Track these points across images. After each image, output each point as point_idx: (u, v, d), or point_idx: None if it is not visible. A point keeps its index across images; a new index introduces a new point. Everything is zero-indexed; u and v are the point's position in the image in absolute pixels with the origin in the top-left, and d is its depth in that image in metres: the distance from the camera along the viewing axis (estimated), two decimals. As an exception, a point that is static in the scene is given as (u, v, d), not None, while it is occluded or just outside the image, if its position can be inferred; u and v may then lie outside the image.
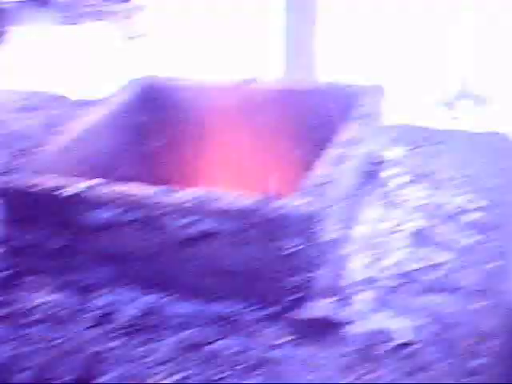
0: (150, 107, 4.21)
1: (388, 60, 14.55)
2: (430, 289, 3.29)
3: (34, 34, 19.39)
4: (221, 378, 2.88)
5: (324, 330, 3.04)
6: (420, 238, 3.63)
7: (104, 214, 3.21)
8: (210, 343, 3.03)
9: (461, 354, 2.94)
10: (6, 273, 3.50)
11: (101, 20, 15.53)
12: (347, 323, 3.05)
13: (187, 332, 3.10)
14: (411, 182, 4.06)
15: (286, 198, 3.06)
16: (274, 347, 2.98)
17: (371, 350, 2.95)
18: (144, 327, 3.14)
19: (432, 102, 14.60)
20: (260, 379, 2.85)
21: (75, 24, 20.32)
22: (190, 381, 2.86)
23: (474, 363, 2.89)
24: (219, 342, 3.03)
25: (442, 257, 3.49)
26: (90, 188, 3.25)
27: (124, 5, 14.46)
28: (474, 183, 4.14)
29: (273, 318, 3.09)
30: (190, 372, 2.90)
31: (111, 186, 3.25)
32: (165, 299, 3.24)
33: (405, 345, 2.97)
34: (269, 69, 11.96)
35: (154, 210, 3.14)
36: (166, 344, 3.05)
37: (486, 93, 14.39)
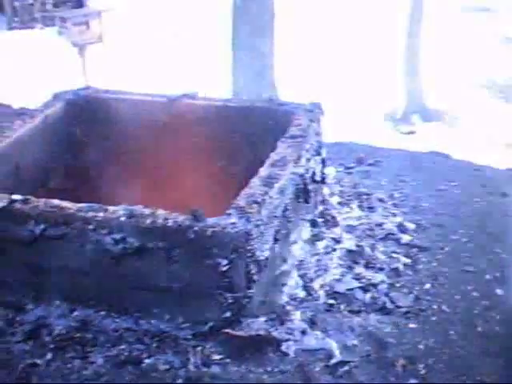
0: (84, 119, 4.15)
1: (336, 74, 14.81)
2: (364, 309, 3.31)
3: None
4: (154, 395, 2.85)
5: (260, 347, 3.02)
6: (353, 258, 3.65)
7: (35, 228, 3.14)
8: (143, 359, 2.99)
9: (394, 375, 2.96)
10: None
11: (53, 25, 15.38)
12: (283, 341, 3.05)
13: (120, 347, 3.05)
14: (345, 202, 4.09)
15: (220, 216, 3.04)
16: (210, 364, 2.96)
17: (308, 367, 2.95)
18: (76, 342, 3.08)
19: (380, 117, 14.85)
20: (196, 396, 2.83)
21: (28, 28, 20.09)
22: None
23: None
24: (153, 359, 2.99)
25: (374, 277, 3.51)
26: (20, 202, 3.18)
27: (79, 10, 14.32)
28: (408, 204, 4.18)
29: (208, 335, 3.07)
30: (122, 389, 2.87)
31: (42, 200, 3.18)
32: (97, 314, 3.19)
33: (340, 363, 2.98)
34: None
35: (86, 224, 3.08)
36: (99, 359, 3.00)
37: (437, 107, 14.70)
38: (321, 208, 3.95)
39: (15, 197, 3.19)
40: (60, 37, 14.40)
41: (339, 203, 4.07)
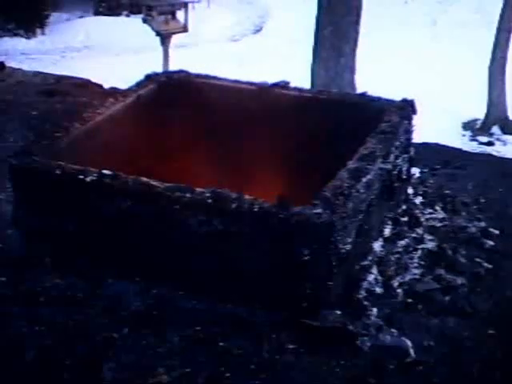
0: (175, 102, 4.19)
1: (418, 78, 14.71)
2: (443, 311, 3.27)
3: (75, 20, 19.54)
4: (225, 378, 2.86)
5: (335, 340, 3.02)
6: (434, 259, 3.61)
7: (122, 204, 3.19)
8: (218, 342, 3.01)
9: (470, 379, 2.92)
10: (19, 254, 3.49)
11: (139, 13, 15.63)
12: (359, 336, 3.03)
13: (196, 328, 3.08)
14: (429, 202, 4.04)
15: (306, 206, 3.04)
16: (283, 352, 2.96)
17: (381, 364, 2.94)
18: (153, 319, 3.12)
19: (458, 125, 14.72)
20: (267, 383, 2.83)
21: (114, 15, 20.48)
22: (192, 377, 2.84)
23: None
24: (227, 342, 3.01)
25: (454, 280, 3.47)
26: (110, 177, 3.22)
27: (165, 0, 14.50)
28: (492, 210, 4.11)
29: (285, 323, 3.07)
30: (194, 368, 2.89)
31: (131, 177, 3.23)
32: (175, 294, 3.22)
33: (415, 363, 2.95)
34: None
35: (174, 204, 3.11)
36: (174, 338, 3.03)
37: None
38: (404, 207, 3.91)
39: (105, 172, 3.24)
40: (145, 25, 14.59)
41: (422, 204, 4.02)
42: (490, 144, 14.44)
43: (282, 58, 16.00)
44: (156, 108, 4.11)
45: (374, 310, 3.20)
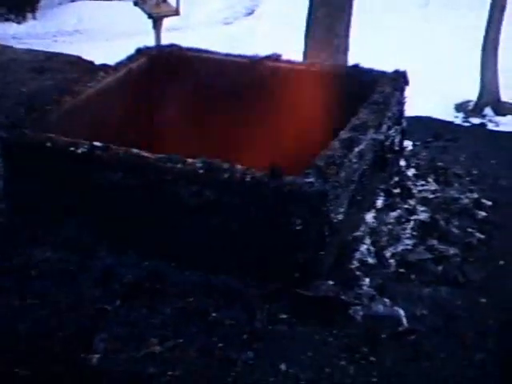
0: (166, 75, 4.16)
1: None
2: (435, 280, 3.27)
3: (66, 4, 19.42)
4: (218, 348, 2.85)
5: (328, 309, 3.01)
6: (426, 230, 3.60)
7: (113, 176, 3.17)
8: (210, 313, 3.00)
9: (462, 347, 2.92)
10: (9, 227, 3.47)
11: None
12: (352, 305, 3.03)
13: (188, 300, 3.07)
14: (421, 175, 4.04)
15: (298, 175, 3.02)
16: (276, 322, 2.96)
17: (374, 333, 2.93)
18: (145, 291, 3.11)
19: (451, 106, 14.66)
20: (259, 353, 2.82)
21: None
22: (185, 347, 2.84)
23: (475, 357, 2.87)
24: (220, 313, 3.00)
25: (447, 250, 3.46)
26: (101, 148, 3.20)
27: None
28: (484, 181, 4.11)
29: (277, 294, 3.06)
30: (187, 339, 2.88)
31: (122, 149, 3.21)
32: (167, 266, 3.20)
33: (408, 332, 2.95)
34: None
35: (165, 175, 3.10)
36: (167, 309, 3.02)
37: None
38: (396, 179, 3.91)
39: (96, 144, 3.22)
40: (136, 8, 14.51)
41: (415, 176, 4.02)
42: (482, 125, 14.39)
43: (274, 40, 15.85)
44: (147, 81, 4.09)
45: (367, 280, 3.20)
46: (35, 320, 2.97)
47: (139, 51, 4.21)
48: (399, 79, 3.86)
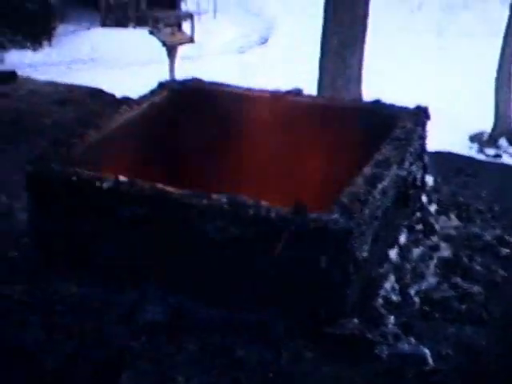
0: (186, 109, 4.19)
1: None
2: (459, 318, 3.26)
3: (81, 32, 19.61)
4: (244, 387, 2.85)
5: (353, 347, 3.00)
6: (449, 267, 3.60)
7: (140, 210, 3.18)
8: (236, 350, 3.00)
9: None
10: (36, 262, 3.48)
11: (146, 25, 15.69)
12: (377, 344, 3.01)
13: (213, 336, 3.07)
14: (443, 210, 4.03)
15: (322, 212, 3.02)
16: (301, 360, 2.95)
17: (400, 372, 2.92)
18: (170, 328, 3.11)
19: (465, 137, 14.68)
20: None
21: (122, 27, 20.57)
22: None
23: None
24: (245, 350, 3.00)
25: (471, 288, 3.45)
26: (126, 183, 3.22)
27: (172, 12, 14.56)
28: (506, 217, 4.10)
29: (302, 331, 3.05)
30: (213, 377, 2.88)
31: (148, 184, 3.22)
32: (192, 302, 3.20)
33: (434, 371, 2.94)
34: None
35: (190, 210, 3.11)
36: (192, 346, 3.02)
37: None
38: (419, 214, 3.90)
39: (121, 178, 3.24)
40: (151, 37, 14.63)
41: (437, 211, 4.01)
42: (497, 156, 14.38)
43: (288, 69, 15.99)
44: (170, 115, 4.11)
45: (392, 317, 3.19)
46: (61, 355, 2.97)
47: (161, 85, 4.24)
48: (421, 114, 3.87)
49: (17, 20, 18.17)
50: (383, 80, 14.74)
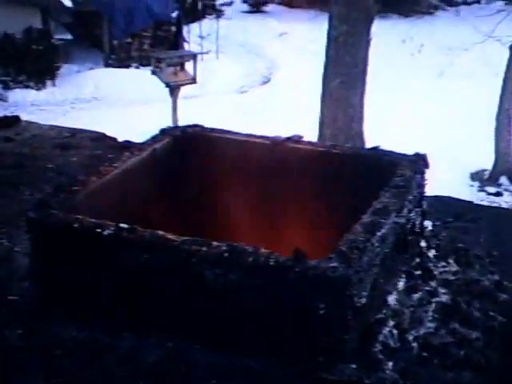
0: (186, 156, 4.25)
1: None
2: (458, 364, 3.27)
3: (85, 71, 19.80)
4: None
5: (351, 394, 3.01)
6: (447, 313, 3.61)
7: (141, 257, 3.22)
8: (235, 397, 3.02)
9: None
10: (36, 306, 3.50)
11: (148, 65, 15.84)
12: (376, 389, 3.03)
13: (213, 382, 3.07)
14: (442, 255, 4.06)
15: (321, 260, 3.06)
16: (301, 406, 2.96)
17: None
18: (169, 373, 3.13)
19: (466, 175, 14.75)
20: None
21: (124, 67, 20.77)
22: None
23: None
24: (245, 397, 3.02)
25: (469, 334, 3.47)
26: (127, 230, 3.26)
27: (174, 52, 14.69)
28: (505, 263, 4.12)
29: (301, 377, 3.06)
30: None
31: (148, 231, 3.26)
32: (191, 347, 3.22)
33: (433, 419, 2.95)
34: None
35: (191, 257, 3.14)
36: (191, 393, 3.04)
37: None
38: (417, 260, 3.93)
39: (122, 225, 3.28)
40: (154, 76, 14.75)
41: (436, 257, 4.03)
42: (498, 194, 14.45)
43: (289, 108, 16.13)
44: (171, 162, 4.16)
45: (390, 363, 3.20)
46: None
47: (163, 131, 4.29)
48: (419, 162, 3.92)
49: (21, 60, 18.37)
50: (385, 120, 14.86)
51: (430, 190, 4.12)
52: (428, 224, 4.21)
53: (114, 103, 18.55)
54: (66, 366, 3.16)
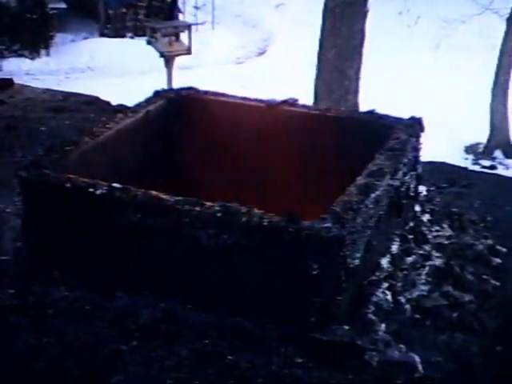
0: (183, 118, 4.22)
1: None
2: (450, 327, 3.27)
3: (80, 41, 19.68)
4: (234, 392, 2.86)
5: (344, 354, 3.02)
6: (441, 276, 3.61)
7: (132, 217, 3.20)
8: (226, 356, 3.01)
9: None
10: (28, 266, 3.49)
11: (144, 35, 15.73)
12: (367, 351, 3.03)
13: (204, 342, 3.08)
14: (436, 220, 4.05)
15: (315, 220, 3.04)
16: (292, 366, 2.96)
17: (389, 379, 2.93)
18: (162, 332, 3.13)
19: (461, 149, 14.74)
20: (275, 397, 2.83)
21: (119, 36, 20.64)
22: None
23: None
24: (236, 356, 3.01)
25: (462, 297, 3.47)
26: (120, 190, 3.24)
27: (169, 22, 14.60)
28: (499, 228, 4.13)
29: (293, 337, 3.07)
30: (203, 381, 2.89)
31: (141, 190, 3.24)
32: (184, 307, 3.21)
33: (424, 378, 2.95)
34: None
35: (182, 217, 3.13)
36: (183, 351, 3.03)
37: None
38: (411, 224, 3.92)
39: (115, 185, 3.25)
40: (149, 47, 14.66)
41: (430, 221, 4.03)
42: (492, 168, 14.43)
43: (285, 80, 16.04)
44: (164, 123, 4.14)
45: (382, 325, 3.20)
46: (50, 359, 2.99)
47: (157, 93, 4.26)
48: (415, 126, 3.89)
49: (15, 29, 18.24)
50: (380, 92, 14.80)
51: (424, 159, 4.11)
52: (422, 189, 4.20)
53: (108, 73, 18.42)
54: (57, 326, 3.15)
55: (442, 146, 13.50)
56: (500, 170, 14.22)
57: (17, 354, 3.02)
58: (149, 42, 14.74)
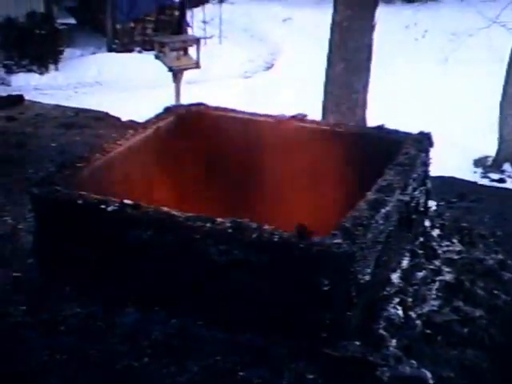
0: (191, 134, 4.24)
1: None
2: (462, 342, 3.27)
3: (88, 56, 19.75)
4: (244, 409, 2.86)
5: (355, 370, 3.02)
6: (451, 291, 3.61)
7: (143, 234, 3.21)
8: (238, 372, 3.01)
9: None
10: (40, 283, 3.51)
11: (152, 50, 15.80)
12: (378, 366, 3.03)
13: (216, 358, 3.09)
14: (446, 235, 4.06)
15: (325, 236, 3.05)
16: (302, 382, 2.96)
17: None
18: (173, 349, 3.13)
19: (469, 162, 14.70)
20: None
21: (127, 51, 20.70)
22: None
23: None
24: (247, 372, 3.01)
25: (473, 312, 3.47)
26: (131, 206, 3.25)
27: (178, 37, 14.63)
28: (508, 242, 4.13)
29: (304, 353, 3.07)
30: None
31: (152, 207, 3.26)
32: (195, 323, 3.23)
33: (436, 395, 2.95)
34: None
35: (195, 234, 3.13)
36: (194, 367, 3.04)
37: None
38: (421, 239, 3.93)
39: (126, 201, 3.27)
40: (157, 61, 14.70)
41: (440, 236, 4.03)
42: (501, 181, 14.38)
43: (293, 94, 16.07)
44: (175, 140, 4.15)
45: (393, 340, 3.20)
46: (63, 376, 3.00)
47: (167, 109, 4.28)
48: (424, 141, 3.91)
49: (24, 44, 18.33)
50: (388, 106, 14.81)
51: (433, 173, 4.12)
52: (432, 204, 4.21)
53: (116, 88, 18.46)
54: (70, 342, 3.16)
55: (450, 159, 13.48)
56: (509, 183, 14.18)
57: (29, 370, 3.03)
58: (157, 57, 14.78)
